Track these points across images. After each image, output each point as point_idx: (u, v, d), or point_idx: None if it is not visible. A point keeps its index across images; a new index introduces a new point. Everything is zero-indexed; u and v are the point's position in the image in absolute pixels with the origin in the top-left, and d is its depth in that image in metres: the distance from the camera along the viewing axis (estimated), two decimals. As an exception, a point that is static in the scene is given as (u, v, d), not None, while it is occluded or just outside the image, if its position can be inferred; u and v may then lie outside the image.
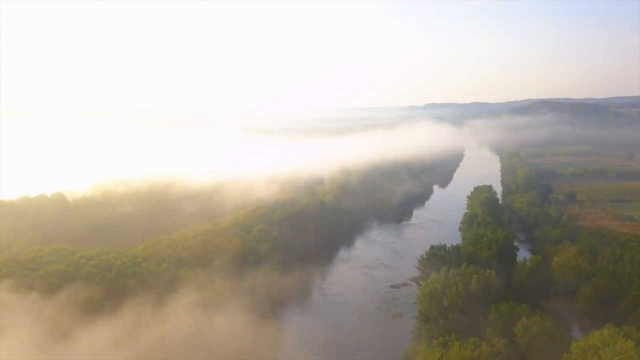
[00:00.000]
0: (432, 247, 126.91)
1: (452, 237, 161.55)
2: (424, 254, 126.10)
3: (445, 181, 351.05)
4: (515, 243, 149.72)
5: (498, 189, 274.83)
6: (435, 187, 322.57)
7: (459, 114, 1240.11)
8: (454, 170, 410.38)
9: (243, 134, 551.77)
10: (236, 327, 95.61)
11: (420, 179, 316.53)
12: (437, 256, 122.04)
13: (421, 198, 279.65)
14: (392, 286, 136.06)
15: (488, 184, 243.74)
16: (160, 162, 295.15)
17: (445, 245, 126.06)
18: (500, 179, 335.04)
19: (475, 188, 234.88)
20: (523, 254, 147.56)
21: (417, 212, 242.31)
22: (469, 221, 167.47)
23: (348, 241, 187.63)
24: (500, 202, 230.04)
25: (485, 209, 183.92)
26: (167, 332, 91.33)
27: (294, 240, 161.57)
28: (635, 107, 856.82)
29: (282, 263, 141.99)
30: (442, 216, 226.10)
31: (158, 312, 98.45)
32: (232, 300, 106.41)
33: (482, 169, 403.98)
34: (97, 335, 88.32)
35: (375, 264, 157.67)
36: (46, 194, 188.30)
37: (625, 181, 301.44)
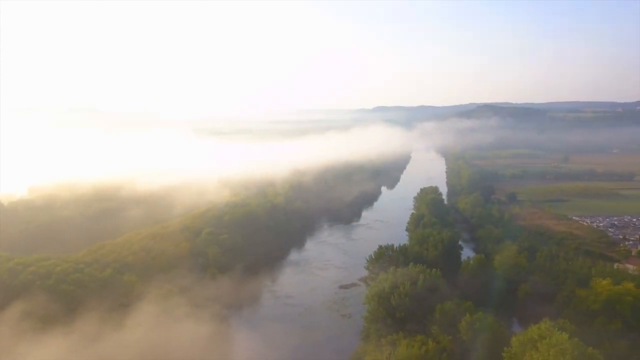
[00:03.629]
0: (380, 247, 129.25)
1: (399, 237, 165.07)
2: (372, 255, 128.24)
3: (393, 183, 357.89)
4: (460, 242, 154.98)
5: (444, 190, 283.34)
6: (384, 189, 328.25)
7: (407, 117, 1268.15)
8: (402, 172, 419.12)
9: (193, 136, 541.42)
10: (185, 333, 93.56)
11: (370, 181, 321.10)
12: (385, 256, 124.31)
13: (370, 199, 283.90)
14: (341, 287, 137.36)
15: (434, 185, 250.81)
16: (107, 165, 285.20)
17: (393, 246, 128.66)
18: (445, 180, 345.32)
19: (421, 189, 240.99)
20: (467, 253, 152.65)
21: (366, 213, 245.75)
22: (416, 222, 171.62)
23: (299, 242, 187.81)
24: (446, 202, 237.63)
25: (431, 210, 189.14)
26: (112, 341, 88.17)
27: (244, 243, 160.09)
28: (570, 112, 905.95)
29: (232, 266, 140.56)
30: (390, 217, 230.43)
31: (101, 320, 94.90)
32: (180, 305, 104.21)
33: (428, 170, 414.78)
34: (32, 349, 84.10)
35: (325, 265, 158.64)
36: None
37: (562, 182, 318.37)
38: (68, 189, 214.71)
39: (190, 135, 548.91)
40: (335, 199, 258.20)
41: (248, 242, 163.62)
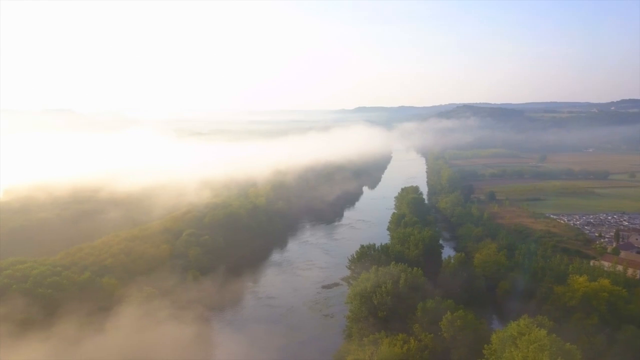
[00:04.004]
0: (362, 246, 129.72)
1: (381, 236, 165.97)
2: (354, 254, 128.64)
3: (374, 182, 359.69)
4: (441, 241, 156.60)
5: (424, 189, 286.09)
6: (365, 189, 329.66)
7: (388, 117, 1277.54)
8: (383, 172, 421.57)
9: (172, 136, 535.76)
10: (167, 336, 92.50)
11: (351, 181, 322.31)
12: (367, 256, 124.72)
13: (352, 199, 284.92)
14: (324, 287, 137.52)
15: (415, 185, 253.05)
16: (85, 166, 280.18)
17: (374, 245, 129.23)
18: (426, 180, 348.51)
19: (402, 189, 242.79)
20: (448, 252, 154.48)
21: (348, 213, 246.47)
22: (397, 221, 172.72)
23: (281, 243, 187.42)
24: (426, 202, 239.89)
25: (412, 209, 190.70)
26: (92, 345, 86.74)
27: (225, 244, 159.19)
28: (547, 113, 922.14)
29: (214, 267, 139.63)
30: (372, 216, 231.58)
31: (81, 323, 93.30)
32: (162, 308, 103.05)
33: (409, 170, 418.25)
34: (10, 354, 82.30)
35: (307, 265, 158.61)
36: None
37: (539, 181, 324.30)
38: (45, 191, 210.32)
39: (170, 135, 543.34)
40: (317, 199, 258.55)
41: (230, 243, 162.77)
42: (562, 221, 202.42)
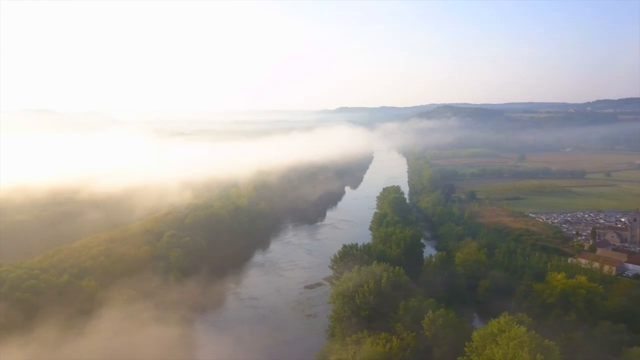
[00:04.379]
0: (344, 246, 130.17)
1: (363, 236, 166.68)
2: (337, 254, 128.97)
3: (356, 182, 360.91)
4: (422, 240, 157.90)
5: (405, 189, 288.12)
6: (348, 189, 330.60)
7: (370, 118, 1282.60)
8: (365, 172, 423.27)
9: (154, 137, 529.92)
10: (148, 338, 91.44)
11: (333, 181, 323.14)
12: (349, 255, 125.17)
13: (334, 199, 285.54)
14: (306, 287, 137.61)
15: (396, 184, 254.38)
16: (64, 167, 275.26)
17: (357, 245, 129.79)
18: (407, 179, 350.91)
19: (384, 189, 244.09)
20: (429, 251, 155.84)
21: (330, 213, 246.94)
22: (379, 220, 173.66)
23: (263, 244, 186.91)
24: (408, 201, 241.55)
25: (394, 209, 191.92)
26: (71, 349, 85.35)
27: (207, 245, 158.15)
28: (526, 113, 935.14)
29: (196, 269, 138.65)
30: (354, 216, 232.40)
31: (60, 327, 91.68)
32: (143, 310, 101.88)
33: (390, 170, 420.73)
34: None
35: (290, 265, 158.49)
36: None
37: (518, 180, 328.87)
38: (23, 192, 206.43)
39: (151, 136, 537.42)
40: (300, 199, 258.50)
41: (212, 244, 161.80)
42: (540, 220, 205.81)
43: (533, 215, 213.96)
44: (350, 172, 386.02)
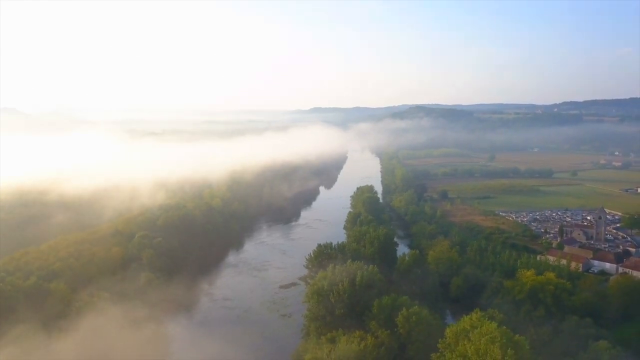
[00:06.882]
0: (319, 245, 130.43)
1: (338, 235, 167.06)
2: (311, 253, 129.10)
3: (331, 182, 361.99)
4: (396, 239, 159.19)
5: (379, 188, 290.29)
6: (322, 188, 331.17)
7: (343, 118, 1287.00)
8: (339, 172, 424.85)
9: (125, 137, 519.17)
10: (119, 342, 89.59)
11: (308, 181, 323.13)
12: (324, 254, 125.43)
13: (309, 199, 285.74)
14: (281, 287, 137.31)
15: (370, 184, 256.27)
16: (31, 168, 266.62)
17: (331, 244, 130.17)
18: (380, 179, 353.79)
19: (358, 188, 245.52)
20: (403, 249, 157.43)
21: (305, 213, 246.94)
22: (353, 220, 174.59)
23: (237, 244, 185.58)
24: (381, 201, 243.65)
25: (367, 208, 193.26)
26: (39, 356, 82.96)
27: (180, 246, 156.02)
28: (495, 114, 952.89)
29: (168, 270, 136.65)
30: (328, 216, 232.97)
31: (26, 332, 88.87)
32: (114, 313, 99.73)
33: (364, 170, 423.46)
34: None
35: (264, 265, 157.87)
36: None
37: (489, 180, 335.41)
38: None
39: (122, 136, 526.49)
40: (274, 199, 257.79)
41: (185, 245, 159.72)
42: (510, 218, 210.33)
43: (503, 214, 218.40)
44: (325, 172, 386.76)
